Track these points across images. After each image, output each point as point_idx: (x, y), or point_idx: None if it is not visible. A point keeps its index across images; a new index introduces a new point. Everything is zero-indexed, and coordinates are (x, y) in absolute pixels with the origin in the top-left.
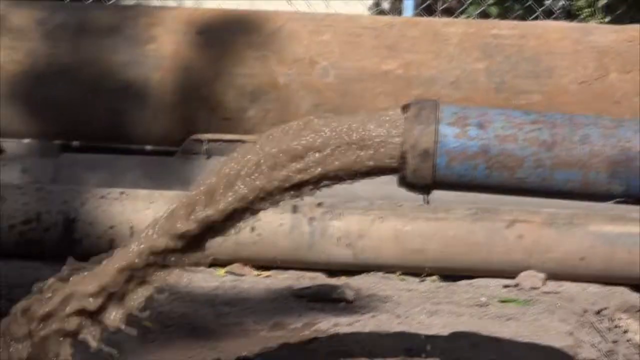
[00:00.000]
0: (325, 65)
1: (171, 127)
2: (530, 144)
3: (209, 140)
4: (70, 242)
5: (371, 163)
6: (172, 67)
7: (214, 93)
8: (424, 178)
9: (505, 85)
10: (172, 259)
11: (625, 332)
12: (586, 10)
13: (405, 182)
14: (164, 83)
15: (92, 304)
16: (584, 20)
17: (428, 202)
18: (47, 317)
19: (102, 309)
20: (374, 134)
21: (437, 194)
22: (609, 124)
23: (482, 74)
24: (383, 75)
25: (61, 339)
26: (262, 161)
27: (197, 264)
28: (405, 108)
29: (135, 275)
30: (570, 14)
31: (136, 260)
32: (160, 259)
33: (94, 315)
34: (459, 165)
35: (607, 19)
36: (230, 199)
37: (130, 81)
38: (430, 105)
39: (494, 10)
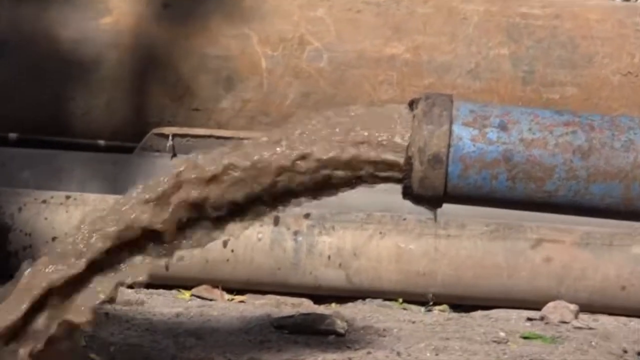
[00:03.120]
0: (317, 46)
1: (129, 117)
2: (562, 151)
3: (175, 135)
4: (4, 255)
5: (370, 169)
6: (131, 45)
7: (182, 78)
8: (433, 188)
9: (535, 76)
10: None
11: None
12: None
13: (410, 193)
14: (122, 64)
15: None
16: None
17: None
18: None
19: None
20: (375, 133)
21: (448, 207)
22: None
23: (506, 61)
24: (387, 60)
25: None
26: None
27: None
28: (412, 103)
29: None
30: None
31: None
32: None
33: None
34: (476, 174)
35: None
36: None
37: (80, 61)
38: (443, 100)
39: None
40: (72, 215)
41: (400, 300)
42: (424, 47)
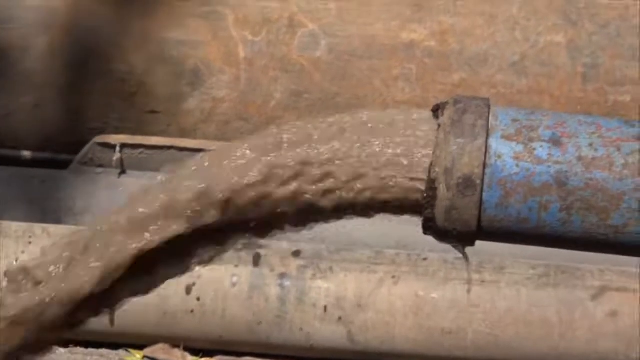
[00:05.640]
0: (313, 30)
1: (64, 122)
2: (632, 173)
3: (124, 146)
4: None
5: (382, 195)
6: (67, 26)
7: (134, 71)
8: (463, 222)
9: (599, 71)
10: None
11: None
12: None
13: (433, 227)
14: (55, 52)
15: None
16: None
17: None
18: None
19: None
20: (386, 149)
21: (483, 245)
22: None
23: (562, 51)
24: (405, 48)
25: None
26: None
27: None
28: (437, 109)
29: None
30: None
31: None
32: None
33: None
34: (520, 203)
35: None
36: None
37: (0, 48)
38: (477, 105)
39: None
40: None
41: None
42: (453, 32)
